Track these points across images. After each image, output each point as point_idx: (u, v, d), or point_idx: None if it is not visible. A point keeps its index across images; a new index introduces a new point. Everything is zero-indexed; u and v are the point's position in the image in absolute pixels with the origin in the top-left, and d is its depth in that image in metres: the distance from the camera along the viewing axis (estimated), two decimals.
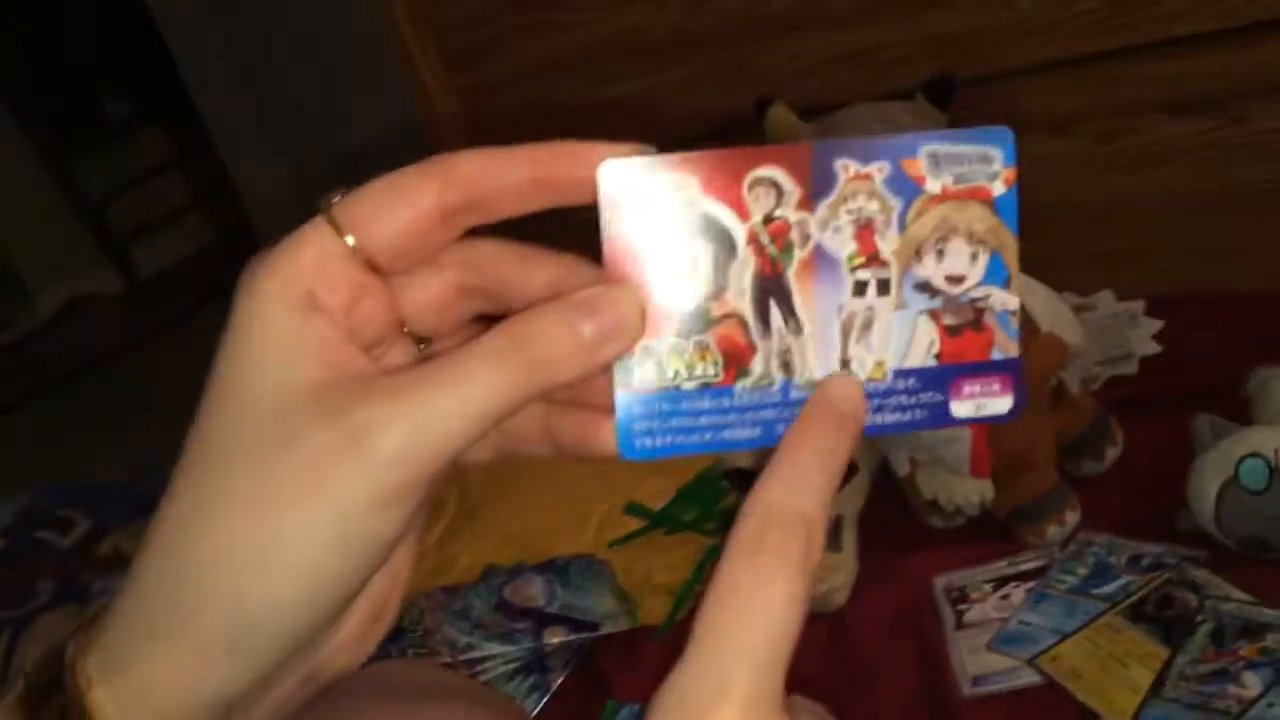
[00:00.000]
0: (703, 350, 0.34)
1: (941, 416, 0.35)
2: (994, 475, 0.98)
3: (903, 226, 0.34)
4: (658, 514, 1.20)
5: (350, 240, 0.33)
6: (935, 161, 0.34)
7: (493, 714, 0.74)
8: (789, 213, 0.34)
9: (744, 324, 0.34)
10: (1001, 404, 0.35)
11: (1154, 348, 1.19)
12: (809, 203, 0.34)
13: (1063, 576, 0.95)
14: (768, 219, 0.34)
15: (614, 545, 1.18)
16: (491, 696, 0.82)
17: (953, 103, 1.26)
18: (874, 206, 0.34)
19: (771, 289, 0.34)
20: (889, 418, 0.35)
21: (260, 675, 0.33)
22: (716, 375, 0.34)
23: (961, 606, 0.95)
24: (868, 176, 0.34)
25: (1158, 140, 1.22)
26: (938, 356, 0.35)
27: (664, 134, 1.47)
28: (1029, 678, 0.87)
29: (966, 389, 0.35)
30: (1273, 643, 0.81)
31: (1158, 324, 1.21)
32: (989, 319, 0.35)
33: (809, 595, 0.31)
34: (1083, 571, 0.94)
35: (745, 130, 1.39)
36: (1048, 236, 1.33)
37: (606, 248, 0.34)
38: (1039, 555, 0.98)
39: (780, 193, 0.34)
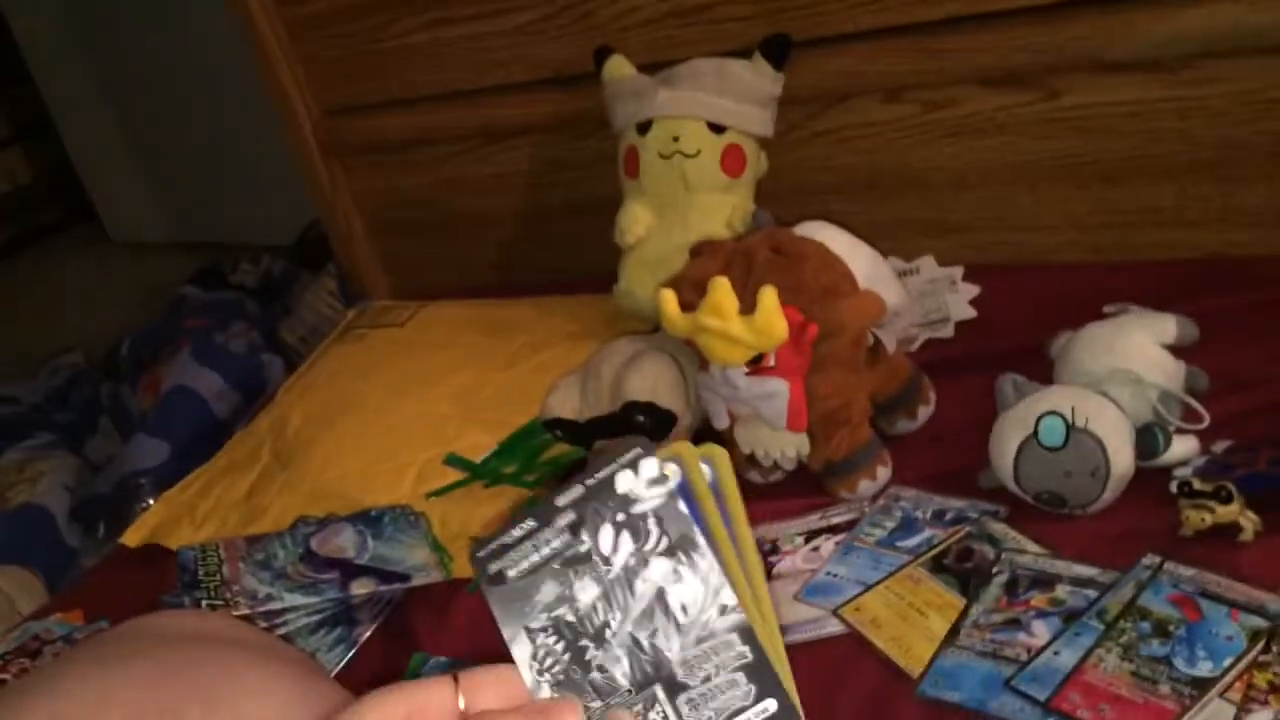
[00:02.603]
0: None
1: None
2: (810, 430, 0.99)
3: None
4: (478, 466, 1.17)
5: (462, 703, 0.44)
6: None
7: (279, 664, 0.70)
8: None
9: None
10: None
11: (970, 312, 1.22)
12: None
13: (871, 530, 0.96)
14: None
15: (431, 497, 1.15)
16: (280, 649, 0.78)
17: (788, 63, 1.26)
18: None
19: None
20: None
21: None
22: None
23: (773, 559, 0.96)
24: None
25: (976, 112, 1.25)
26: None
27: (502, 80, 1.43)
28: (834, 628, 0.88)
29: None
30: (1062, 593, 0.84)
31: (974, 290, 1.24)
32: None
33: None
34: (890, 525, 0.96)
35: (586, 79, 1.37)
36: (878, 201, 1.36)
37: None
38: (850, 509, 1.00)
39: None
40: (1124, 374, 0.94)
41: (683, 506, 0.44)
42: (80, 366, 2.00)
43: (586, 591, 0.44)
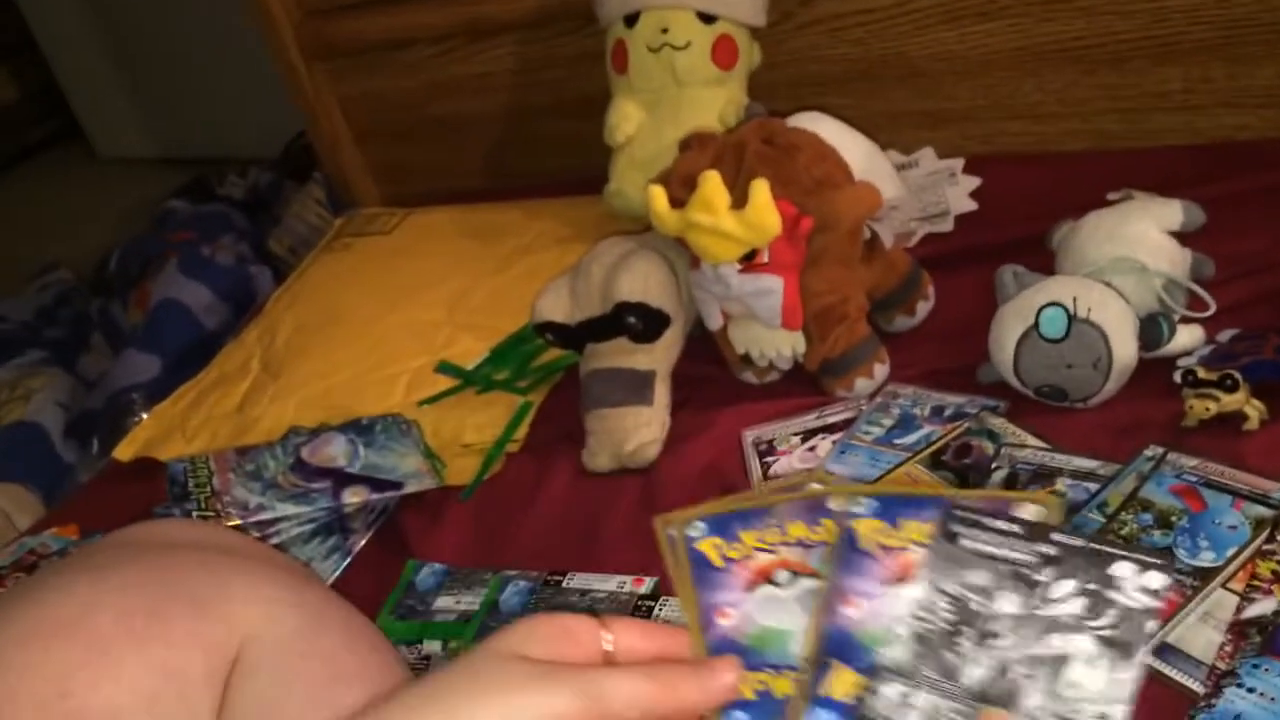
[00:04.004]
0: None
1: None
2: (805, 328, 0.97)
3: None
4: (470, 373, 1.15)
5: (608, 641, 0.51)
6: None
7: (269, 569, 0.69)
8: None
9: None
10: None
11: (970, 205, 1.19)
12: None
13: (868, 428, 0.95)
14: None
15: (423, 404, 1.14)
16: (271, 555, 0.77)
17: None
18: None
19: None
20: None
21: None
22: None
23: (769, 459, 0.94)
24: None
25: None
26: None
27: None
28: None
29: None
30: (1062, 487, 0.83)
31: (975, 181, 1.21)
32: None
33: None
34: (888, 423, 0.95)
35: None
36: (875, 93, 1.32)
37: None
38: (847, 407, 0.98)
39: None
40: (1128, 262, 0.92)
41: (1150, 626, 0.45)
42: (69, 283, 1.98)
43: (1007, 601, 0.47)
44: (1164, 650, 0.68)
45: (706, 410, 1.02)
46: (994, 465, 0.86)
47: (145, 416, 1.31)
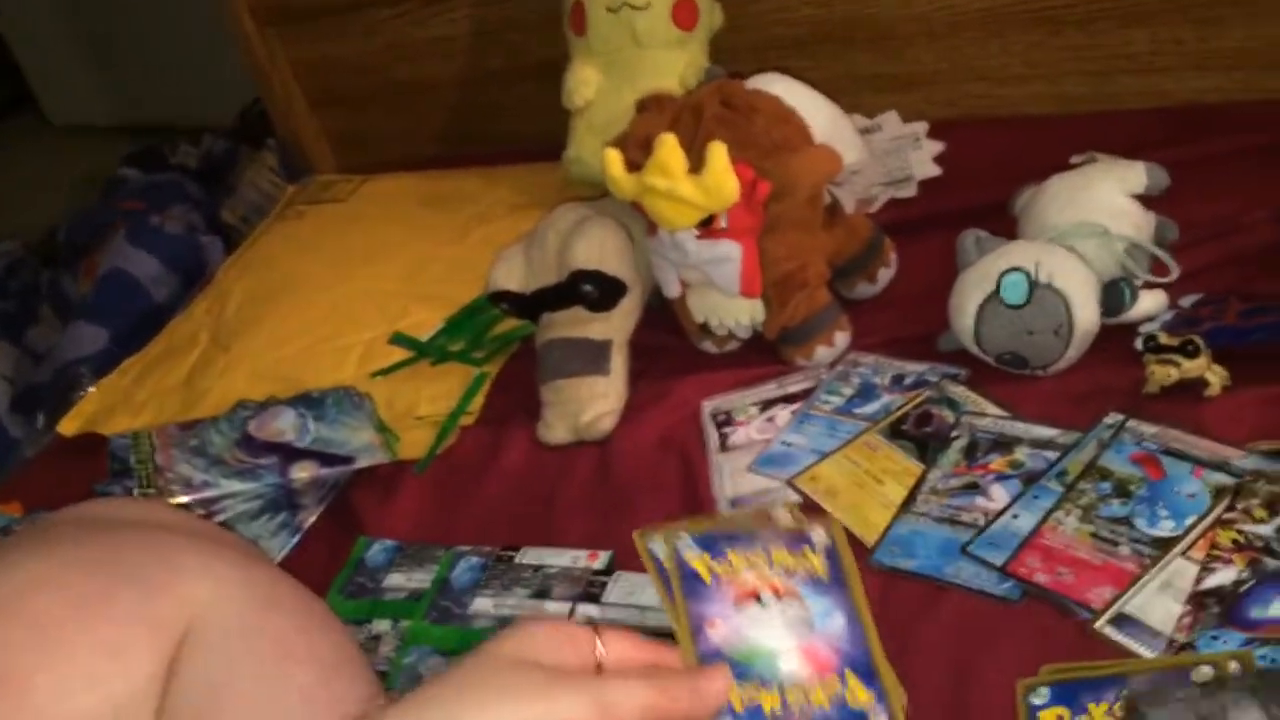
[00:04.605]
0: None
1: None
2: (764, 296, 0.95)
3: None
4: (425, 344, 1.13)
5: (600, 647, 0.51)
6: None
7: (216, 548, 0.67)
8: None
9: None
10: None
11: (934, 170, 1.17)
12: None
13: (827, 397, 0.93)
14: None
15: (376, 376, 1.11)
16: (218, 534, 0.75)
17: None
18: None
19: None
20: None
21: None
22: None
23: (726, 429, 0.93)
24: None
25: None
26: None
27: None
28: (788, 498, 0.85)
29: None
30: (1022, 455, 0.81)
31: (938, 146, 1.19)
32: None
33: None
34: (848, 392, 0.93)
35: None
36: (838, 56, 1.29)
37: None
38: (807, 377, 0.96)
39: None
40: (1090, 226, 0.90)
41: None
42: (18, 254, 1.92)
43: None
44: (1121, 621, 0.67)
45: (664, 380, 1.00)
46: (954, 434, 0.85)
47: (93, 390, 1.28)
